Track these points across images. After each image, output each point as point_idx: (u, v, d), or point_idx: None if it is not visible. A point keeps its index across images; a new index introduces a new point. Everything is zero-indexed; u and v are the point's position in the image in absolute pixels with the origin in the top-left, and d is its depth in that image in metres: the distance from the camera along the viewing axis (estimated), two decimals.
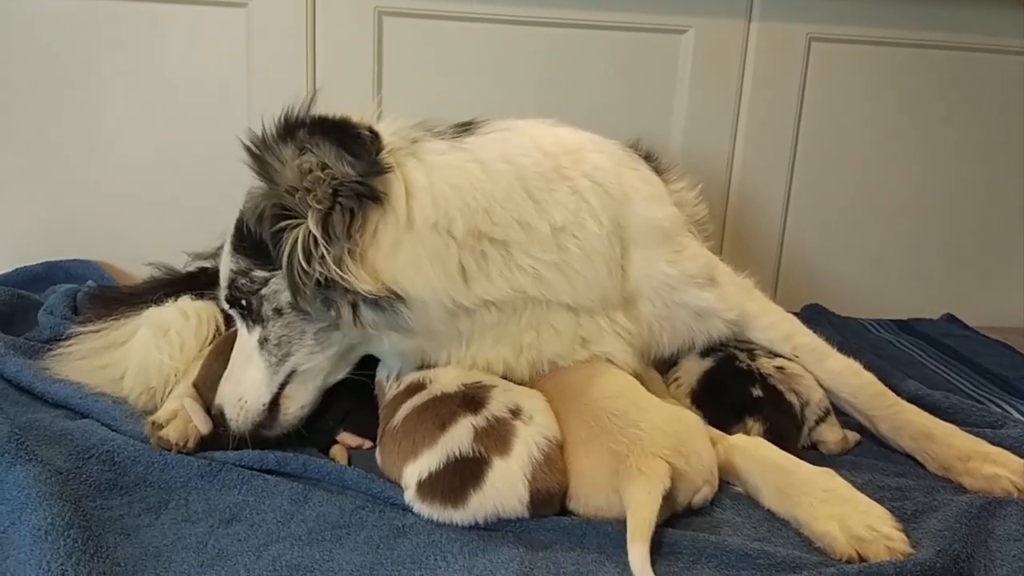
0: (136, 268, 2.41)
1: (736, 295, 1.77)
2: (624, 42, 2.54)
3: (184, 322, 1.81)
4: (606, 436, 1.40)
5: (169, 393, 1.70)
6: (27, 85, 2.45)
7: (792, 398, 1.66)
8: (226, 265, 1.57)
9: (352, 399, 1.64)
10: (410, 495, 1.39)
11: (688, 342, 1.76)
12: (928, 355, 2.37)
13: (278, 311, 1.52)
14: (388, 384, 1.59)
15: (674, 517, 1.41)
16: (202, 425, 1.54)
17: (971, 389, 2.10)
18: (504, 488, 1.33)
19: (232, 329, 1.82)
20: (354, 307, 1.45)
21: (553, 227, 1.54)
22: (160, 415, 1.59)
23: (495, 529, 1.36)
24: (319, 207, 1.41)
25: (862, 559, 1.28)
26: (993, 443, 1.59)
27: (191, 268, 2.11)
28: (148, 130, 2.51)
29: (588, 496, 1.39)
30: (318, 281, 1.42)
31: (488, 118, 1.69)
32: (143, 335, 1.77)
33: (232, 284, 1.55)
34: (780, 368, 1.71)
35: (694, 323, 1.73)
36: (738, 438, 1.55)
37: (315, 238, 1.40)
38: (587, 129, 1.78)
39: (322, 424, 1.63)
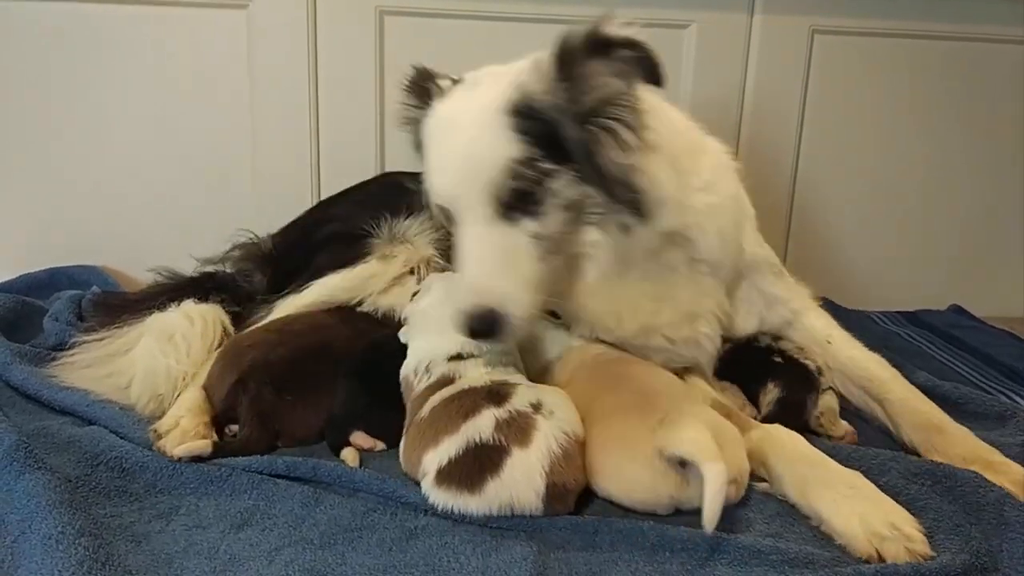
0: (140, 272, 2.41)
1: (796, 289, 1.89)
2: None
3: (189, 326, 1.81)
4: (648, 406, 1.42)
5: (177, 397, 1.69)
6: (28, 90, 2.45)
7: (808, 363, 1.76)
8: (494, 152, 1.45)
9: (370, 397, 1.64)
10: (428, 482, 1.39)
11: (749, 330, 1.82)
12: (936, 347, 2.36)
13: (562, 207, 1.49)
14: (417, 377, 1.60)
15: (687, 512, 1.40)
16: (203, 450, 1.53)
17: (980, 380, 2.10)
18: (521, 478, 1.33)
19: (241, 333, 1.83)
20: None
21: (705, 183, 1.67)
22: (162, 424, 1.58)
23: (507, 529, 1.35)
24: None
25: (880, 558, 1.28)
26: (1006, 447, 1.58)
27: (196, 273, 2.11)
28: (150, 133, 2.51)
29: (620, 465, 1.39)
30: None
31: None
32: (147, 342, 1.76)
33: (514, 173, 1.44)
34: (800, 348, 1.81)
35: (763, 309, 1.81)
36: (772, 428, 1.55)
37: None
38: None
39: (337, 420, 1.63)
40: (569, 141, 1.45)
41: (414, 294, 1.79)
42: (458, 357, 1.58)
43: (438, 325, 1.64)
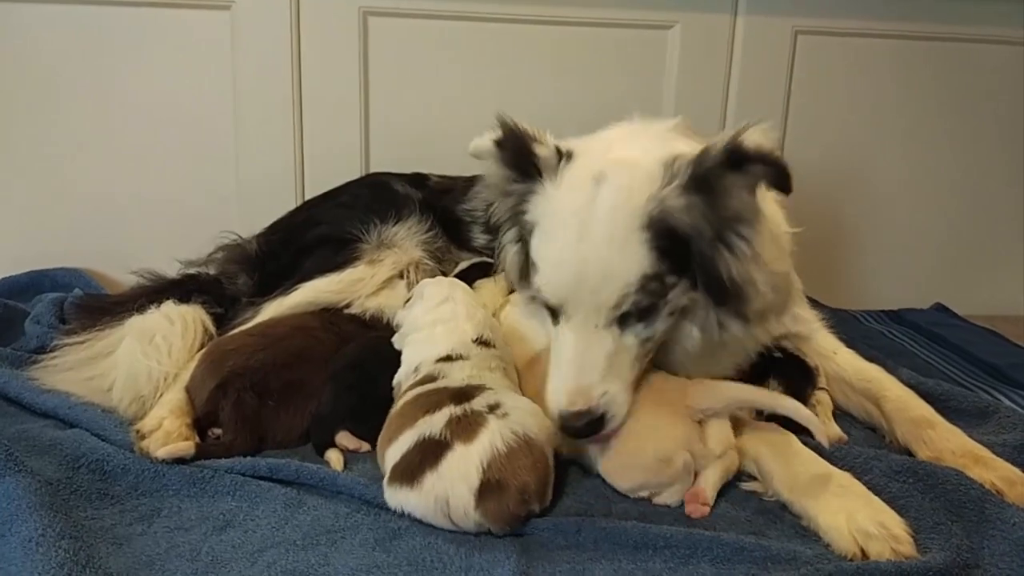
0: (124, 275, 2.39)
1: (811, 311, 1.96)
2: (611, 38, 2.55)
3: (169, 327, 1.80)
4: (663, 373, 1.56)
5: (159, 398, 1.68)
6: (10, 94, 2.43)
7: (806, 359, 1.82)
8: (630, 269, 1.43)
9: (357, 398, 1.63)
10: (385, 481, 1.40)
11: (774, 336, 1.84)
12: (919, 345, 2.38)
13: (672, 313, 1.50)
14: (406, 377, 1.60)
15: (669, 509, 1.43)
16: (186, 452, 1.52)
17: (961, 377, 2.11)
18: (457, 472, 1.32)
19: (224, 336, 1.82)
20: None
21: None
22: (145, 424, 1.58)
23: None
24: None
25: (865, 556, 1.28)
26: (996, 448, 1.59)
27: (178, 275, 2.10)
28: (133, 136, 2.50)
29: (649, 421, 1.44)
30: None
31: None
32: (128, 344, 1.75)
33: (642, 288, 1.44)
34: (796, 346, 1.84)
35: (791, 325, 1.84)
36: (765, 426, 1.56)
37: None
38: (577, 126, 1.78)
39: (323, 420, 1.62)
40: (697, 256, 1.46)
41: (407, 300, 1.79)
42: (447, 359, 1.58)
43: (429, 330, 1.66)
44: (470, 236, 2.17)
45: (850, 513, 1.33)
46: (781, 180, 1.43)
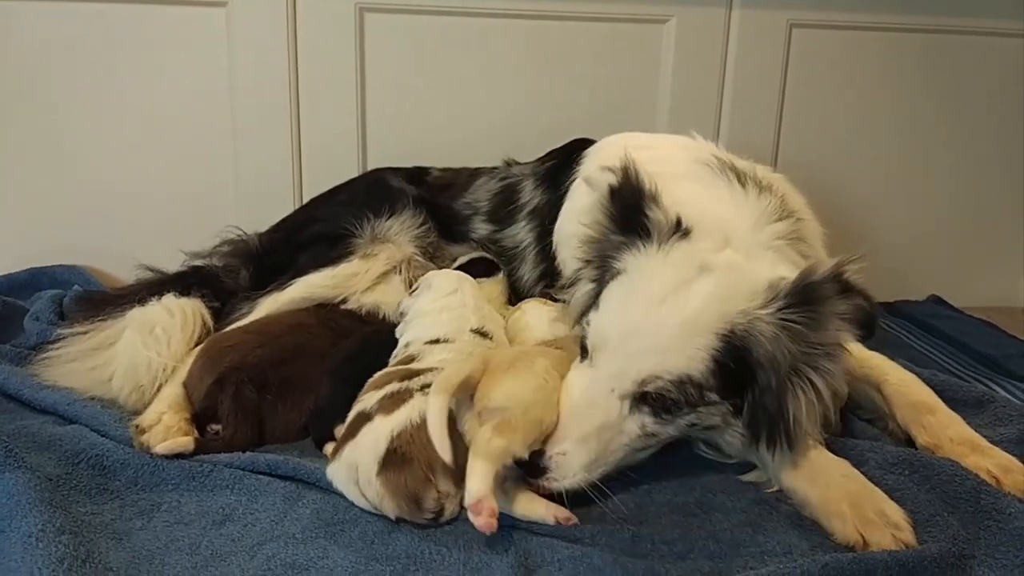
0: (122, 271, 2.40)
1: None
2: (607, 33, 2.55)
3: (169, 319, 1.81)
4: None
5: (157, 391, 1.69)
6: (8, 91, 2.43)
7: None
8: (677, 365, 1.37)
9: (355, 390, 1.62)
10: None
11: None
12: (915, 336, 2.39)
13: (692, 425, 1.44)
14: (393, 356, 1.64)
15: (664, 501, 1.44)
16: (185, 447, 1.52)
17: (957, 369, 2.12)
18: (368, 442, 1.35)
19: (221, 333, 1.83)
20: None
21: None
22: (144, 419, 1.58)
23: None
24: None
25: (865, 544, 1.29)
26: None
27: (183, 267, 2.11)
28: (131, 132, 2.49)
29: None
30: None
31: None
32: (129, 335, 1.76)
33: (677, 385, 1.37)
34: None
35: None
36: None
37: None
38: (573, 120, 1.78)
39: (322, 414, 1.63)
40: (758, 389, 1.40)
41: (412, 290, 1.80)
42: (435, 342, 1.60)
43: (435, 316, 1.68)
44: (469, 229, 2.17)
45: (853, 501, 1.35)
46: (869, 322, 1.39)
